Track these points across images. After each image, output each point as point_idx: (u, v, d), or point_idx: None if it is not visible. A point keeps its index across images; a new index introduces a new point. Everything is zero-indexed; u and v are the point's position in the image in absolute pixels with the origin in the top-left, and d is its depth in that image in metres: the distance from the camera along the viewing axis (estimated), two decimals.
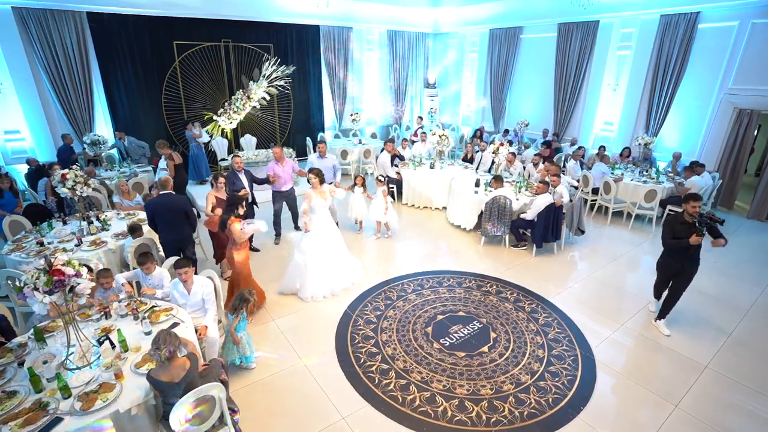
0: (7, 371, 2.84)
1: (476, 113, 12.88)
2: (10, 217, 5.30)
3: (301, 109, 11.85)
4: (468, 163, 8.85)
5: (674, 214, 4.32)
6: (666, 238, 4.21)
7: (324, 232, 5.06)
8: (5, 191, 5.45)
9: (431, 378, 3.79)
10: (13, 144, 8.21)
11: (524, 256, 6.27)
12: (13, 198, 5.53)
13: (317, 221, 5.02)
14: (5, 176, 5.57)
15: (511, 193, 6.38)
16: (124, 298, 3.70)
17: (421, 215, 8.03)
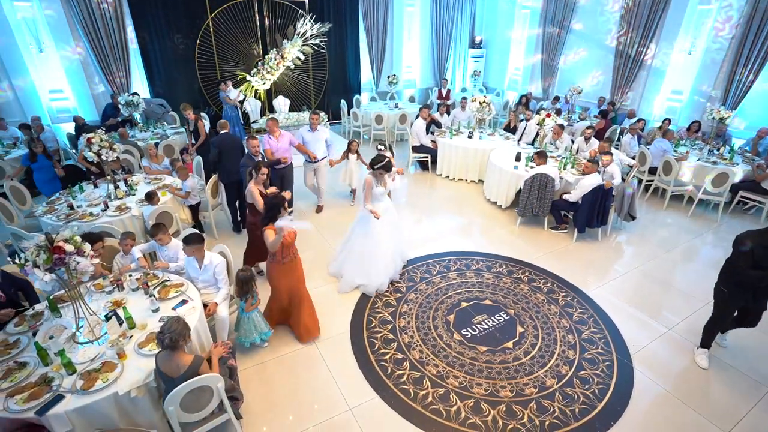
0: (21, 341, 2.90)
1: (524, 77, 11.79)
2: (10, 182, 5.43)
3: (337, 69, 11.37)
4: (510, 134, 8.14)
5: (757, 234, 3.17)
6: (741, 264, 3.16)
7: (388, 221, 4.59)
8: (39, 155, 5.55)
9: (447, 373, 3.55)
10: (58, 103, 8.45)
11: (563, 241, 5.74)
12: (46, 160, 5.63)
13: (381, 210, 4.48)
14: (38, 140, 5.65)
15: (555, 171, 5.76)
16: (137, 269, 3.68)
17: (454, 188, 7.56)
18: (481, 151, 7.38)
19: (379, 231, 4.50)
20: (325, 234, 5.87)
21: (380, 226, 4.47)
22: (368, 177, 4.38)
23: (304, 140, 6.07)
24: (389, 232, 4.63)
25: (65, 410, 2.42)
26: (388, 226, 4.59)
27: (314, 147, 6.09)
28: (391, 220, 4.66)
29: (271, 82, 8.94)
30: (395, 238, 4.80)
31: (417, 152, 8.07)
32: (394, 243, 4.74)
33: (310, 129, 6.16)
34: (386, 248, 4.58)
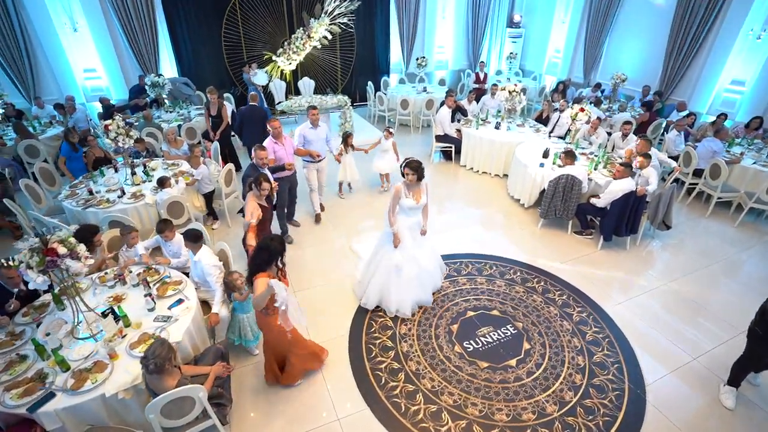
0: (26, 332, 3.02)
1: (564, 61, 10.95)
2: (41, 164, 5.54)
3: (365, 49, 11.01)
4: (541, 125, 7.62)
5: None
6: None
7: (412, 241, 4.02)
8: (76, 143, 5.65)
9: (443, 389, 3.43)
10: (92, 82, 8.71)
11: (587, 248, 5.36)
12: (81, 148, 5.74)
13: (406, 226, 3.95)
14: (74, 130, 5.74)
15: (583, 173, 5.33)
16: (139, 263, 3.74)
17: (477, 182, 7.22)
18: (507, 144, 6.96)
19: (408, 252, 3.98)
20: (329, 231, 5.76)
21: (409, 246, 3.98)
22: (398, 185, 3.80)
23: (306, 139, 5.44)
24: (416, 253, 4.04)
25: (55, 408, 2.51)
26: (415, 247, 4.03)
27: (317, 145, 5.50)
28: (420, 242, 4.08)
29: (298, 63, 8.80)
30: (425, 259, 4.16)
31: (440, 142, 7.74)
32: (422, 265, 4.10)
33: (311, 126, 5.46)
34: (411, 271, 4.01)
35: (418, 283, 4.11)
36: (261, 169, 4.39)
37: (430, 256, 4.31)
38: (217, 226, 5.75)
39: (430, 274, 4.27)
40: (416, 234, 4.04)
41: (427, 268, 4.19)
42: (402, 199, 3.82)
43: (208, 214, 5.62)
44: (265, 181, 3.96)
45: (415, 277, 4.06)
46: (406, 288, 4.05)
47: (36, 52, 8.04)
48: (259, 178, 3.95)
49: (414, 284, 4.08)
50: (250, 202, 3.90)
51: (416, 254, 4.04)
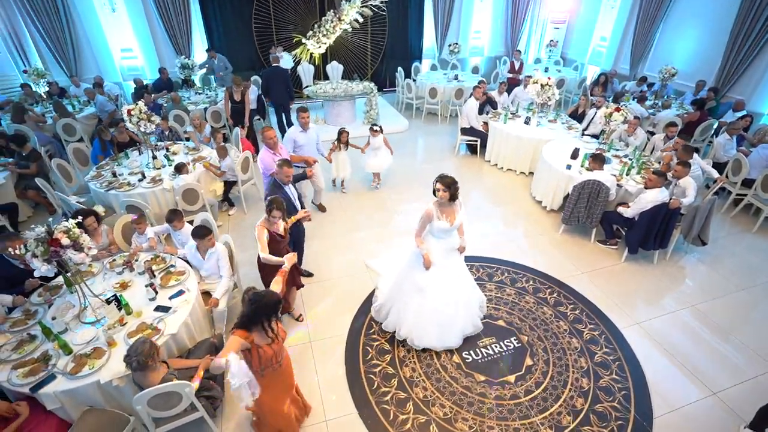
0: (38, 312, 3.20)
1: (610, 50, 10.16)
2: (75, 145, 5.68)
3: (397, 33, 10.70)
4: (575, 122, 7.15)
5: None
6: None
7: (444, 267, 3.52)
8: (106, 141, 5.83)
9: (435, 400, 3.36)
10: (128, 62, 8.99)
11: (610, 259, 5.03)
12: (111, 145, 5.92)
13: (437, 251, 3.48)
14: (106, 129, 5.90)
15: (611, 179, 4.96)
16: (148, 250, 3.85)
17: (500, 179, 6.93)
18: (535, 142, 6.59)
19: (436, 279, 3.51)
20: (328, 225, 5.69)
21: (438, 273, 3.51)
22: (429, 208, 3.34)
23: (297, 143, 5.05)
24: (451, 281, 3.56)
25: (54, 390, 2.65)
26: (449, 274, 3.55)
27: (308, 149, 5.16)
28: (455, 269, 3.60)
29: (327, 46, 8.67)
30: (461, 289, 3.65)
31: (465, 135, 7.45)
32: (457, 297, 3.61)
33: (302, 129, 5.07)
34: (443, 301, 3.55)
35: (450, 320, 3.63)
36: (285, 188, 3.88)
37: (468, 288, 3.76)
38: (233, 212, 5.86)
39: (466, 310, 3.74)
40: (451, 258, 3.54)
41: (463, 302, 3.68)
42: (433, 221, 3.35)
43: (223, 201, 5.72)
44: (278, 208, 3.34)
45: (448, 311, 3.59)
46: (436, 325, 3.60)
47: (77, 32, 8.37)
48: (272, 203, 3.33)
49: (445, 319, 3.61)
50: (259, 229, 3.34)
51: (453, 284, 3.57)
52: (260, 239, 3.31)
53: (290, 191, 3.97)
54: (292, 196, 3.98)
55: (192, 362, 2.98)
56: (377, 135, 6.07)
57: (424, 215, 3.38)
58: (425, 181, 6.75)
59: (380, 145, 6.17)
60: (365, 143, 6.23)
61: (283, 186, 3.89)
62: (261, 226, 3.38)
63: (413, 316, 3.63)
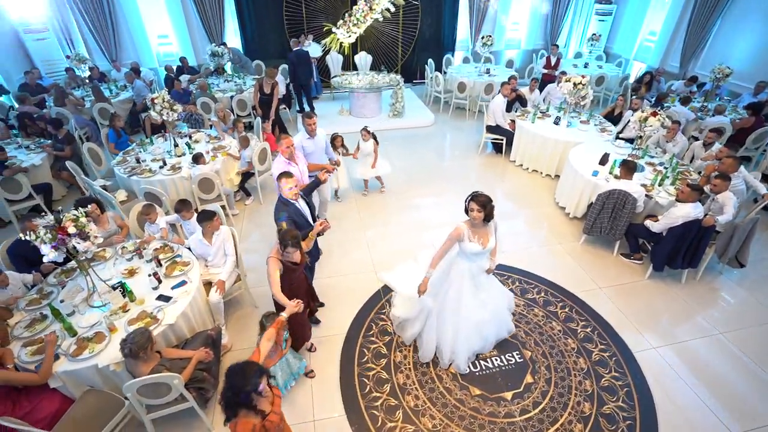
0: (52, 293, 3.39)
1: (659, 45, 9.43)
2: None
3: (430, 23, 10.41)
4: (610, 124, 6.70)
5: None
6: None
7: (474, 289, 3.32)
8: (120, 129, 6.01)
9: (425, 410, 3.29)
10: (164, 48, 9.28)
11: (632, 274, 4.72)
12: (125, 135, 6.13)
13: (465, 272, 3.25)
14: (117, 116, 6.13)
15: (640, 190, 4.61)
16: (158, 238, 3.97)
17: (524, 181, 6.65)
18: (563, 143, 6.24)
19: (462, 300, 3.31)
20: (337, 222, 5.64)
21: (464, 294, 3.31)
22: (460, 227, 3.07)
23: (306, 151, 4.63)
24: (479, 300, 3.36)
25: (56, 371, 2.80)
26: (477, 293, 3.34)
27: (317, 157, 4.79)
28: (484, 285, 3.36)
29: (357, 36, 8.56)
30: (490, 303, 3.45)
31: (491, 133, 7.18)
32: (481, 316, 3.41)
33: (309, 136, 4.67)
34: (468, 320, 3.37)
35: (477, 331, 3.46)
36: (293, 204, 3.51)
37: (498, 297, 3.58)
38: (250, 202, 5.95)
39: (497, 319, 3.58)
40: (479, 280, 3.32)
41: (494, 313, 3.50)
42: (464, 243, 3.08)
43: (239, 191, 5.82)
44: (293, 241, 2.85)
45: (477, 324, 3.41)
46: (464, 336, 3.42)
47: (118, 18, 8.70)
48: (285, 237, 2.86)
49: (471, 333, 3.44)
50: (271, 264, 2.93)
51: (482, 298, 3.38)
52: (272, 275, 2.90)
53: (301, 206, 3.60)
54: (304, 211, 3.62)
55: (186, 353, 3.06)
56: (368, 138, 5.71)
57: (453, 234, 3.08)
58: (445, 179, 6.62)
59: (369, 152, 5.78)
60: (355, 148, 5.86)
61: (287, 201, 3.47)
62: (274, 259, 2.93)
63: (451, 341, 3.43)
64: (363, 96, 8.42)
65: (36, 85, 7.67)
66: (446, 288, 3.34)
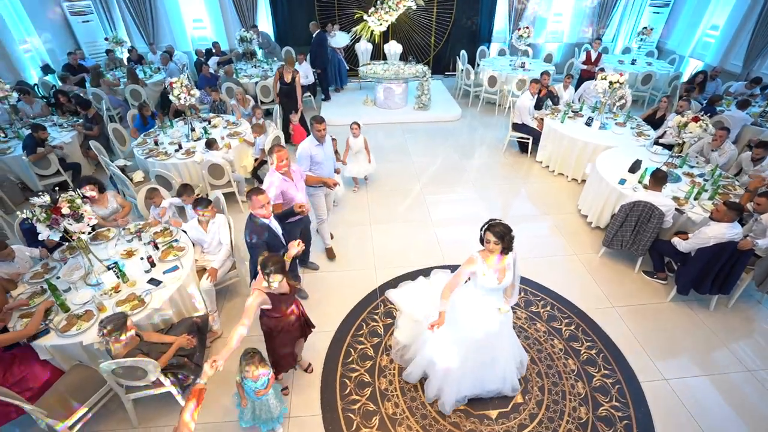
0: (55, 268, 3.54)
1: (720, 42, 8.51)
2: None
3: (466, 12, 9.97)
4: (649, 128, 6.15)
5: None
6: None
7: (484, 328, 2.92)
8: (147, 117, 6.16)
9: (403, 420, 3.18)
10: (199, 32, 9.48)
11: (653, 295, 4.32)
12: (152, 121, 6.24)
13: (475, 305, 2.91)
14: (146, 105, 6.28)
15: (668, 204, 4.18)
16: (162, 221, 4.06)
17: (548, 184, 6.26)
18: (592, 146, 5.79)
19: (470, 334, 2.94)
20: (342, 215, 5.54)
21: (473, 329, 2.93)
22: (474, 255, 2.77)
23: (314, 160, 4.11)
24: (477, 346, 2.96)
25: (45, 344, 2.93)
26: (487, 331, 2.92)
27: (327, 166, 4.22)
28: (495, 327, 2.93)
29: (389, 24, 8.35)
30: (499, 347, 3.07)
31: (516, 131, 6.80)
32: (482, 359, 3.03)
33: (318, 143, 4.08)
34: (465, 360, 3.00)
35: (473, 376, 3.07)
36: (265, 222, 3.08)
37: (508, 346, 3.15)
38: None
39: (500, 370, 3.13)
40: (491, 316, 2.91)
41: (496, 360, 3.07)
42: (477, 276, 2.77)
43: (252, 177, 5.86)
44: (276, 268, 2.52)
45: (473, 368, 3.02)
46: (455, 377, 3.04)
47: (156, 1, 8.95)
48: (265, 264, 2.53)
49: (468, 376, 3.05)
50: (255, 296, 2.59)
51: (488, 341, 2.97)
52: (249, 306, 2.55)
53: (274, 225, 3.19)
54: (279, 232, 3.24)
55: (168, 338, 3.10)
56: (358, 134, 5.43)
57: (465, 264, 2.77)
58: (463, 177, 6.36)
59: (360, 149, 5.51)
60: (345, 148, 5.54)
61: (260, 222, 3.06)
62: (260, 291, 2.61)
63: (441, 377, 3.09)
64: (388, 87, 8.24)
65: (78, 66, 8.08)
66: (448, 320, 2.89)
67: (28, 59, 7.95)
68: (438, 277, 4.01)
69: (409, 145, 7.40)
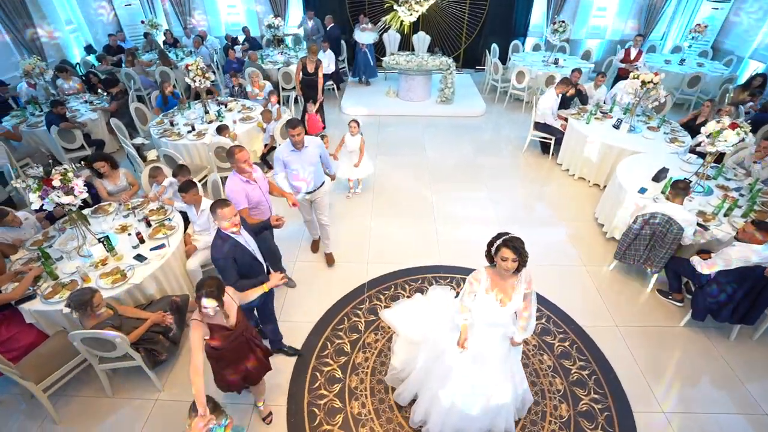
0: (54, 237, 3.70)
1: None
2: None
3: (502, 4, 9.50)
4: (685, 133, 5.60)
5: None
6: None
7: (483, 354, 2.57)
8: (168, 96, 6.31)
9: (367, 421, 3.07)
10: (231, 18, 9.67)
11: (665, 317, 3.94)
12: (174, 101, 6.38)
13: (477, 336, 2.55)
14: (166, 82, 6.43)
15: (689, 218, 3.76)
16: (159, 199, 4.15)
17: (567, 188, 5.88)
18: (617, 150, 5.35)
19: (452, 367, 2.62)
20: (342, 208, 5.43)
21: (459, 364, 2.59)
22: (479, 271, 2.47)
23: (285, 165, 3.77)
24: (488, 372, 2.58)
25: (30, 308, 3.07)
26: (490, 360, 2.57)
27: (304, 174, 3.80)
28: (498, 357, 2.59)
29: (419, 14, 8.14)
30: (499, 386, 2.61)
31: (538, 130, 6.42)
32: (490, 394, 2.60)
33: (293, 148, 3.67)
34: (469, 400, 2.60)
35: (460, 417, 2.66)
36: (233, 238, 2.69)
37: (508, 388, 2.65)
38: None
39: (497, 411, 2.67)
40: (495, 347, 2.55)
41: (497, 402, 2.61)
42: (479, 294, 2.42)
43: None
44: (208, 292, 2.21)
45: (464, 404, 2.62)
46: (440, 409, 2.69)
47: None
48: (202, 284, 2.25)
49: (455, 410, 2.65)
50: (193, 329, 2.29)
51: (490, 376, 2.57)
52: (192, 343, 2.27)
53: (245, 239, 2.79)
54: (249, 245, 2.82)
55: (143, 314, 3.17)
56: (355, 133, 5.03)
57: (470, 279, 2.48)
58: (477, 175, 6.09)
59: (355, 148, 5.11)
60: (338, 143, 5.20)
61: (233, 236, 2.68)
62: (197, 322, 2.30)
63: (427, 405, 2.79)
64: (411, 78, 8.04)
65: (117, 47, 8.47)
66: (443, 347, 2.65)
67: (73, 39, 8.43)
68: (436, 294, 3.82)
69: (425, 139, 7.20)
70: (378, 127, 7.62)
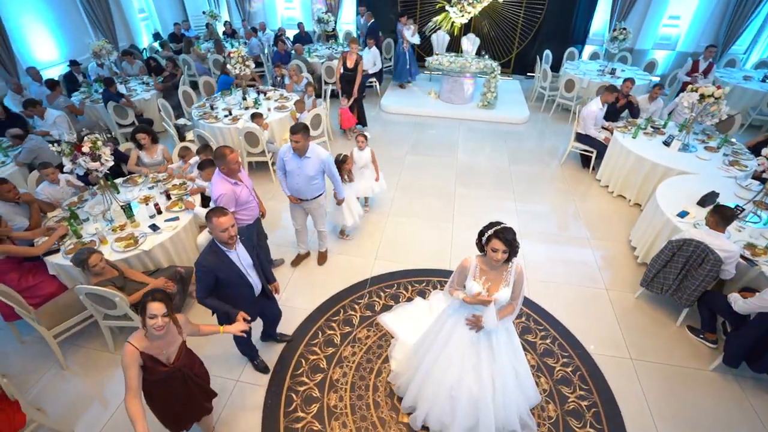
0: (87, 200, 4.03)
1: None
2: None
3: (560, 9, 9.03)
4: (751, 157, 4.97)
5: None
6: None
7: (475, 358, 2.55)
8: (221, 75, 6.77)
9: (341, 415, 3.03)
10: (288, 12, 10.07)
11: (694, 358, 3.51)
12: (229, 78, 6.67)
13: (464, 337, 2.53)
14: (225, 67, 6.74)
15: (732, 249, 3.32)
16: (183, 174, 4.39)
17: (604, 206, 5.44)
18: (662, 169, 4.86)
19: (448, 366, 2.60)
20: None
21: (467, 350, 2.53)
22: (469, 258, 2.45)
23: (286, 168, 3.62)
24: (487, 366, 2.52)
25: (52, 261, 3.36)
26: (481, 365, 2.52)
27: (299, 181, 3.61)
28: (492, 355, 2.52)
29: (472, 16, 7.98)
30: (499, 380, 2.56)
31: (579, 142, 6.01)
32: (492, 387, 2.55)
33: (295, 155, 3.51)
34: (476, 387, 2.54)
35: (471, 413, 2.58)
36: (226, 252, 2.48)
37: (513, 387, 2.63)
38: None
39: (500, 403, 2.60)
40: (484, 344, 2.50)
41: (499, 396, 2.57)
42: (468, 281, 2.38)
43: None
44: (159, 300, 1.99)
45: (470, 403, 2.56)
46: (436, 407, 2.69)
47: None
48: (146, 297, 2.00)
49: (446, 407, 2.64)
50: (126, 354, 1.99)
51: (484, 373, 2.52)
52: (125, 370, 1.98)
53: (239, 257, 2.55)
54: (242, 265, 2.57)
55: (147, 279, 3.35)
56: (363, 147, 4.57)
57: (459, 266, 2.46)
58: (507, 185, 5.82)
59: (366, 163, 4.65)
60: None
61: (225, 251, 2.48)
62: (130, 348, 2.00)
63: (432, 395, 2.70)
64: (454, 81, 7.88)
65: (181, 35, 9.11)
66: (440, 345, 2.61)
67: (143, 27, 9.19)
68: (438, 298, 3.75)
69: (459, 142, 7.01)
70: (414, 127, 7.55)
